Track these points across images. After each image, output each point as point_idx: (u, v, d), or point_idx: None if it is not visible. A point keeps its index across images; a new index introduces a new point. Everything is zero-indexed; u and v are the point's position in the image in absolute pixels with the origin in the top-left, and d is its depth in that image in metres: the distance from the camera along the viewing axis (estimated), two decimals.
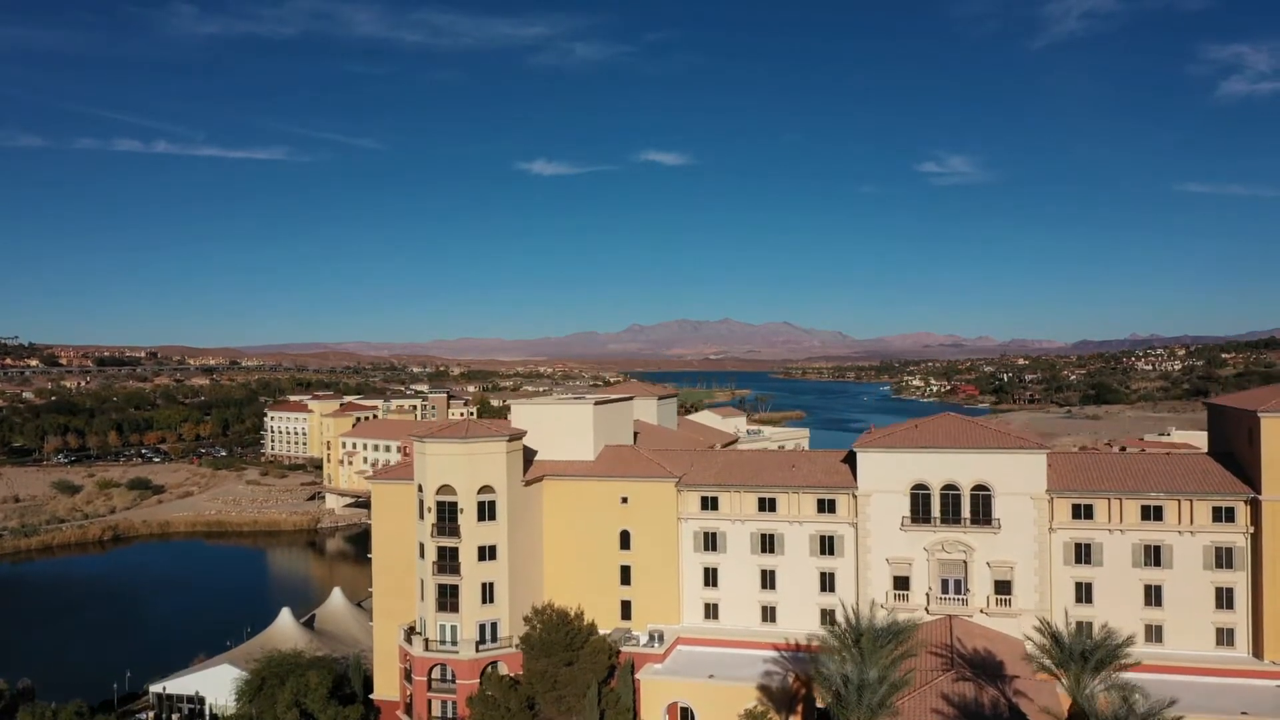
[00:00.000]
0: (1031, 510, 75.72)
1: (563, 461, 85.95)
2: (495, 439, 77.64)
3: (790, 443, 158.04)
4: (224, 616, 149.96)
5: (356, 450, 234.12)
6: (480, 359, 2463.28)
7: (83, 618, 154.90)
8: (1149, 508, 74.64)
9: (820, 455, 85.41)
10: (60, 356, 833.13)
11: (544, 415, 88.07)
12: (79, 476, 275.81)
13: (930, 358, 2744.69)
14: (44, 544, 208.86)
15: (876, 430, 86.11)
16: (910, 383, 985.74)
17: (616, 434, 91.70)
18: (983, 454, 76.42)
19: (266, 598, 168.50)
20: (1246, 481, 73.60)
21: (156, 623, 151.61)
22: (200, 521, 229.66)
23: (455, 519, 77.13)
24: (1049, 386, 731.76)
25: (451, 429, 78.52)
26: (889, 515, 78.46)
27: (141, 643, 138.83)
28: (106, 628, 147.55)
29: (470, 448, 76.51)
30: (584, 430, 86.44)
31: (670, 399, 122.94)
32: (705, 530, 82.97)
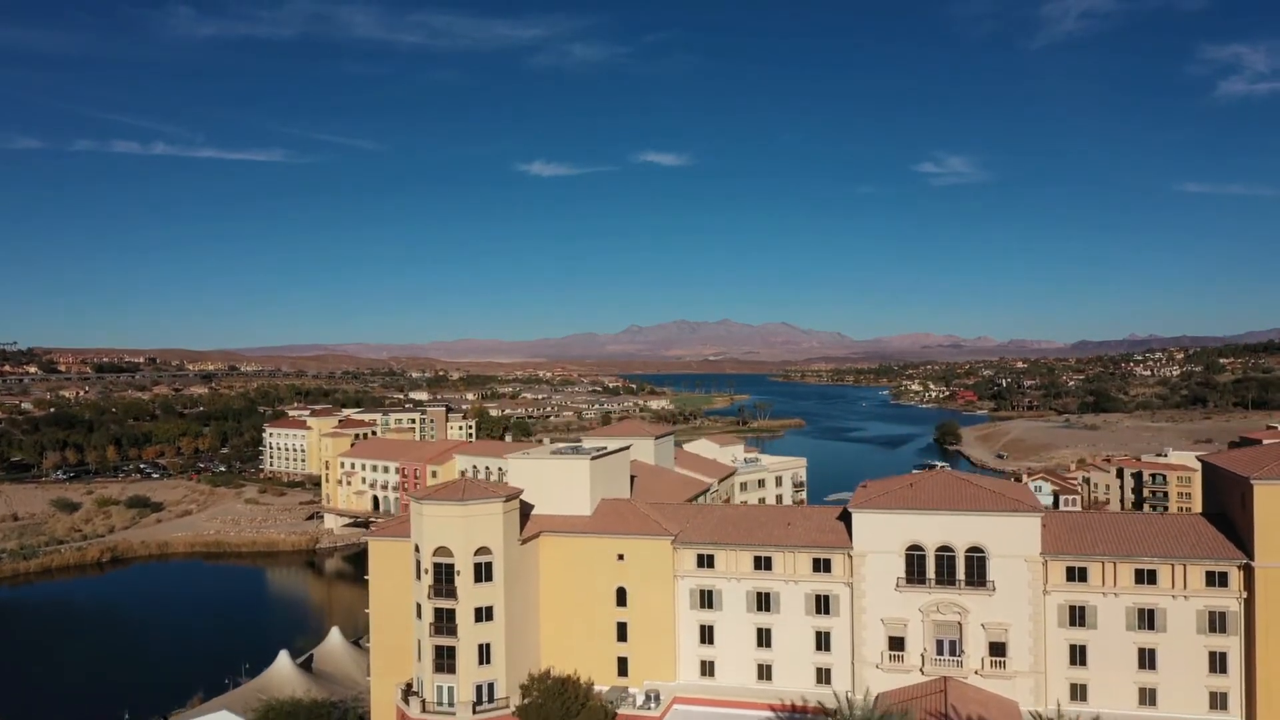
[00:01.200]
0: (1026, 573, 76.06)
1: (559, 517, 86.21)
2: (492, 500, 77.89)
3: (787, 472, 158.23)
4: (222, 647, 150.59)
5: (355, 470, 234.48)
6: (479, 361, 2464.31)
7: (81, 647, 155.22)
8: (1143, 571, 74.99)
9: (815, 512, 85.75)
10: (59, 363, 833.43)
11: (540, 470, 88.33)
12: (78, 494, 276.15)
13: (929, 359, 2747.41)
14: (43, 566, 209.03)
15: (872, 485, 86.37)
16: (909, 387, 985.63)
17: (613, 485, 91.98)
18: (977, 516, 76.76)
19: (266, 624, 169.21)
20: (1240, 546, 73.95)
21: (155, 653, 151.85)
22: (199, 542, 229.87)
23: (452, 580, 77.41)
24: (1048, 393, 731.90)
25: (448, 489, 78.71)
26: (884, 575, 78.79)
27: (140, 675, 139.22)
28: (104, 659, 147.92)
29: (467, 509, 76.76)
30: (580, 485, 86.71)
31: (667, 437, 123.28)
32: (701, 588, 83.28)
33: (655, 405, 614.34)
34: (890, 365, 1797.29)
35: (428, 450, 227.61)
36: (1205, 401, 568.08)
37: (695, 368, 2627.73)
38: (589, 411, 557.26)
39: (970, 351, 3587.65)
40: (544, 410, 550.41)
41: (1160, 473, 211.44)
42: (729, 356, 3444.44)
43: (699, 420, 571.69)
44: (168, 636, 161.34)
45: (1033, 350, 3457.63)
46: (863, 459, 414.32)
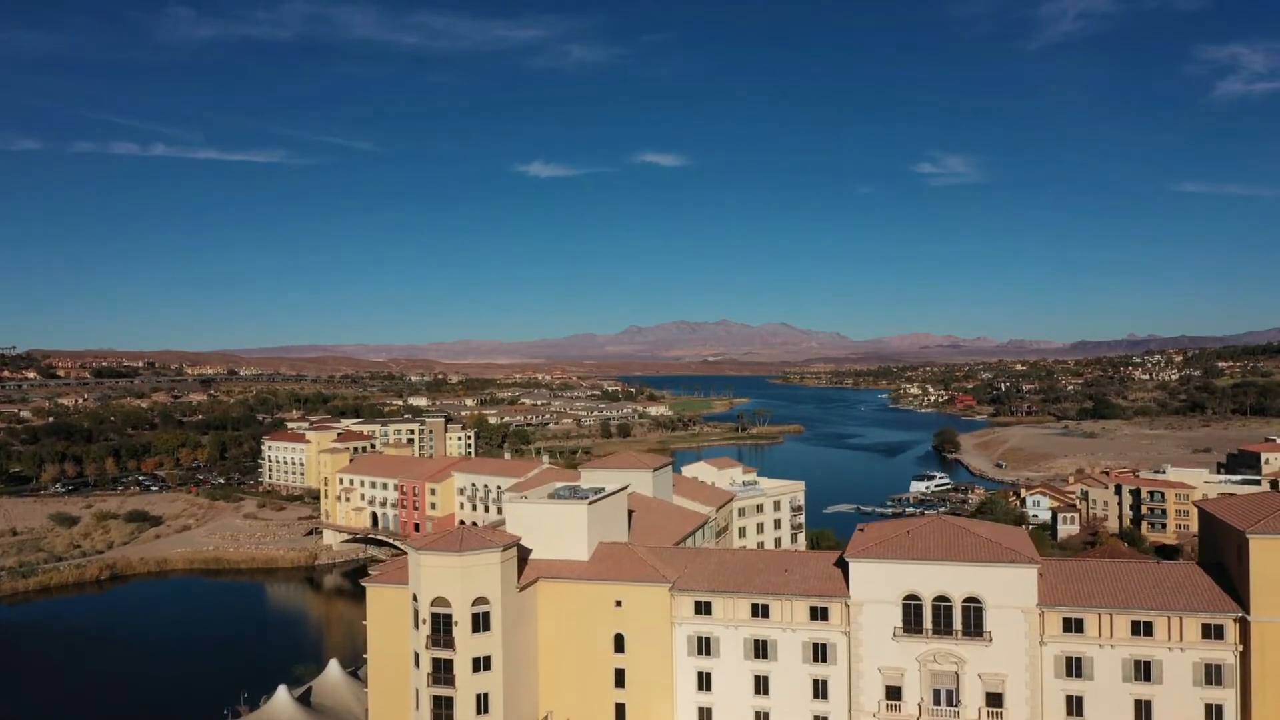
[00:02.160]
0: (1022, 623, 76.24)
1: (558, 562, 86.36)
2: (490, 549, 77.99)
3: (785, 496, 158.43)
4: (221, 670, 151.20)
5: (354, 486, 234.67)
6: (478, 362, 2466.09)
7: (81, 670, 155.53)
8: (1139, 623, 75.17)
9: (812, 557, 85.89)
10: (58, 367, 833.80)
11: (538, 514, 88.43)
12: (76, 507, 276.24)
13: (928, 359, 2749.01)
14: (42, 585, 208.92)
15: (869, 530, 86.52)
16: (908, 391, 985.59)
17: (611, 528, 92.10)
18: (974, 567, 76.93)
19: (265, 645, 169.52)
20: (1236, 598, 74.14)
21: (154, 677, 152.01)
22: (198, 559, 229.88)
23: (450, 631, 77.52)
24: (1046, 397, 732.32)
25: (446, 539, 78.77)
26: (881, 624, 78.98)
27: (137, 703, 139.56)
28: (103, 684, 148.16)
29: (465, 560, 76.87)
30: (578, 530, 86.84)
31: (665, 468, 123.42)
32: (699, 634, 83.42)
33: (654, 411, 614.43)
34: (889, 367, 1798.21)
35: (426, 467, 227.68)
36: (1204, 408, 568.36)
37: (695, 369, 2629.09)
38: (588, 418, 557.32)
39: (969, 352, 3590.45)
40: (543, 417, 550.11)
41: (1158, 490, 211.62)
42: (728, 357, 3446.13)
43: (698, 427, 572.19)
44: (167, 659, 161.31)
45: (1032, 351, 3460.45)
46: (861, 468, 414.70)
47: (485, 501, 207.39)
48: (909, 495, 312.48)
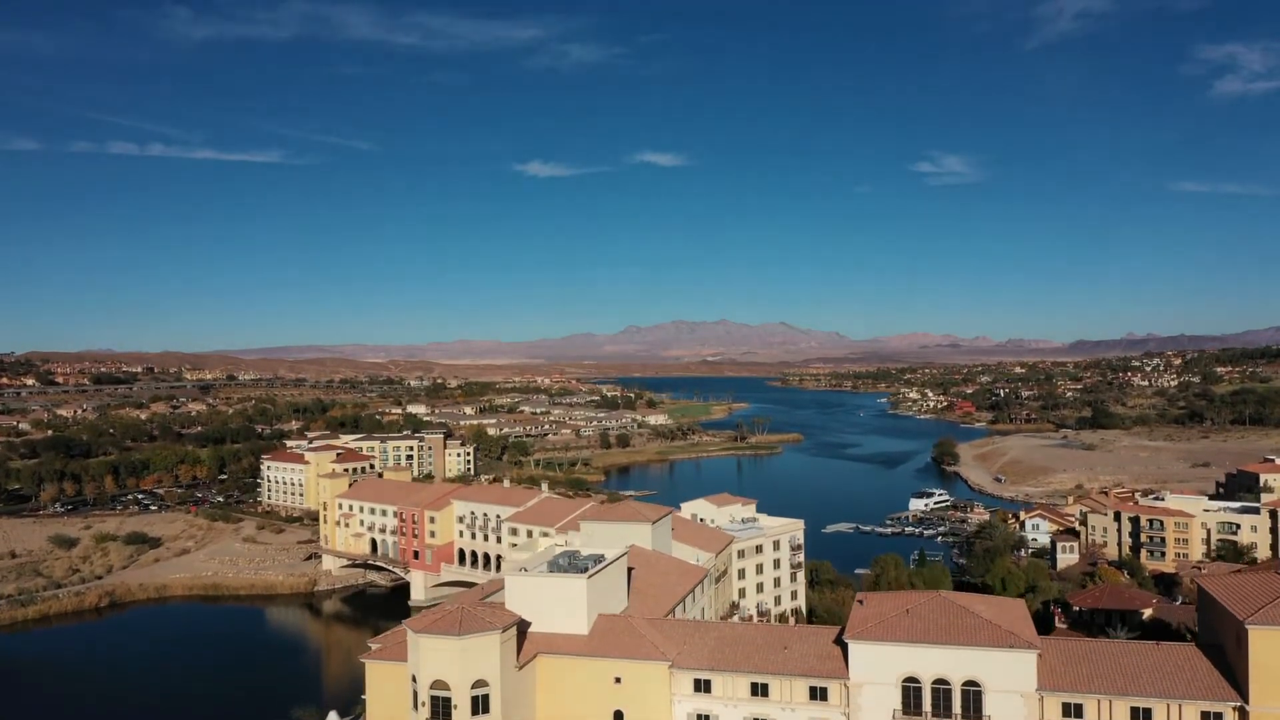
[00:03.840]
0: (1022, 708, 76.17)
1: (557, 636, 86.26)
2: (490, 632, 77.86)
3: (785, 535, 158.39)
4: (221, 704, 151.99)
5: (353, 512, 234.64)
6: (477, 364, 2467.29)
7: (78, 707, 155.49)
8: (1138, 709, 75.11)
9: (812, 633, 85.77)
10: (56, 374, 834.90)
11: (538, 587, 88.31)
12: (75, 528, 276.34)
13: (927, 359, 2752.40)
14: (41, 613, 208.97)
15: (870, 602, 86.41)
16: (907, 395, 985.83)
17: (610, 597, 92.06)
18: (974, 650, 76.85)
19: (265, 676, 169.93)
20: (1235, 686, 74.10)
21: (152, 711, 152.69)
22: (197, 585, 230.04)
23: (449, 714, 77.40)
24: (1046, 404, 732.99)
25: (446, 620, 78.61)
26: (880, 707, 78.92)
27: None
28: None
29: (465, 643, 76.78)
30: (578, 604, 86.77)
31: (665, 519, 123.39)
32: (698, 712, 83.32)
33: (654, 421, 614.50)
34: (888, 369, 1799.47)
35: (425, 495, 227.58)
36: (1203, 417, 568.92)
37: (694, 369, 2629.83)
38: (587, 428, 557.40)
39: (968, 351, 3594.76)
40: (542, 428, 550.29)
41: (1158, 519, 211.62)
42: (727, 357, 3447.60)
43: (697, 436, 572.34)
44: (167, 692, 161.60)
45: (1031, 350, 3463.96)
46: (860, 482, 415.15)
47: (485, 530, 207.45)
48: (908, 514, 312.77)
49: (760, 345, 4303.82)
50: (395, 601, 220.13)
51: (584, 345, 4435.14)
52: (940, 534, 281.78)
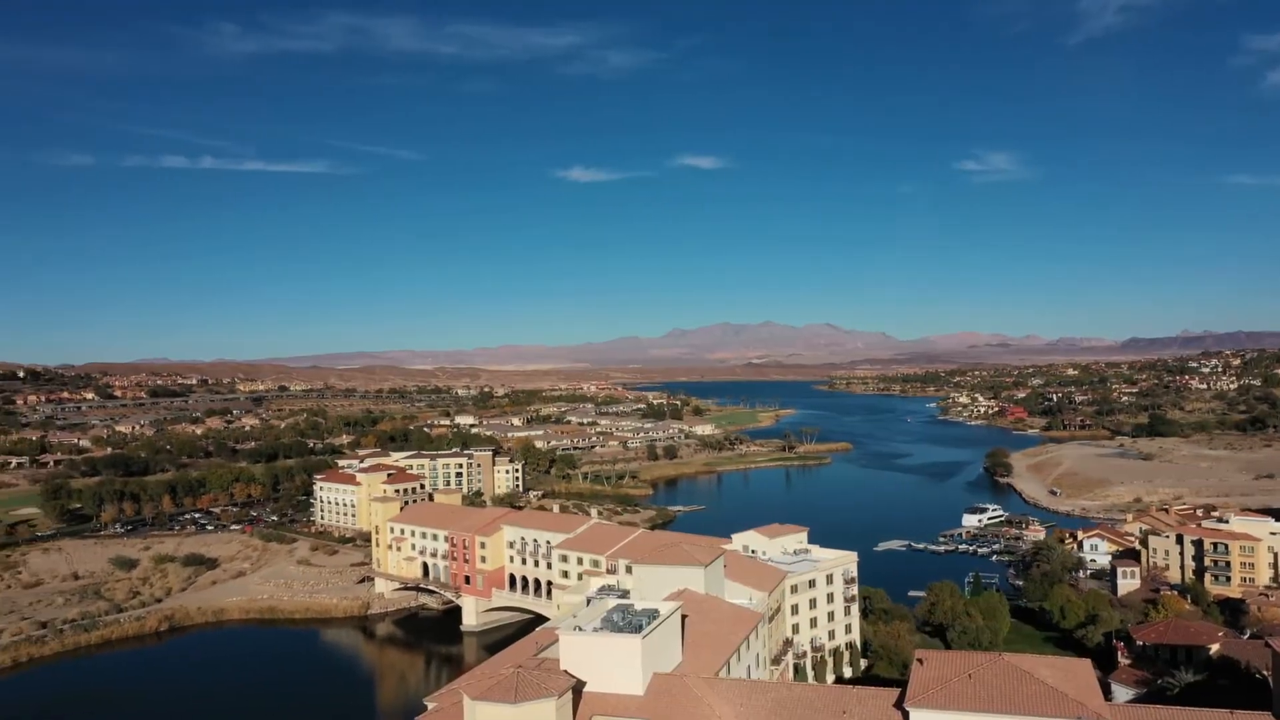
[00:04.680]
0: None
1: (611, 696, 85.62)
2: (546, 699, 77.50)
3: (838, 569, 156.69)
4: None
5: (405, 536, 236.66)
6: (523, 369, 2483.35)
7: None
8: None
9: (872, 697, 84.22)
10: (114, 387, 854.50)
11: (591, 645, 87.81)
12: (135, 549, 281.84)
13: (976, 359, 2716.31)
14: (103, 638, 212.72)
15: (929, 661, 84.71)
16: (956, 400, 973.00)
17: (665, 654, 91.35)
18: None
19: (320, 701, 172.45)
20: None
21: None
22: (253, 608, 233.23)
23: None
24: (1100, 409, 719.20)
25: (501, 687, 78.41)
26: None
27: None
28: None
29: (521, 711, 76.48)
30: (632, 664, 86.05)
31: (717, 560, 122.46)
32: None
33: (700, 431, 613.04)
34: (937, 371, 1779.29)
35: (476, 520, 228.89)
36: (1264, 423, 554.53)
37: (739, 372, 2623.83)
38: (634, 440, 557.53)
39: (1018, 351, 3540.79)
40: (589, 440, 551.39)
41: (1222, 542, 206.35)
42: (772, 359, 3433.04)
43: (744, 446, 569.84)
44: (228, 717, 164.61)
45: (1083, 349, 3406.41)
46: (911, 495, 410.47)
47: (535, 556, 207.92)
48: (961, 530, 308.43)
49: (805, 347, 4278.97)
50: (447, 625, 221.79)
51: (629, 349, 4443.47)
52: (995, 552, 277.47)
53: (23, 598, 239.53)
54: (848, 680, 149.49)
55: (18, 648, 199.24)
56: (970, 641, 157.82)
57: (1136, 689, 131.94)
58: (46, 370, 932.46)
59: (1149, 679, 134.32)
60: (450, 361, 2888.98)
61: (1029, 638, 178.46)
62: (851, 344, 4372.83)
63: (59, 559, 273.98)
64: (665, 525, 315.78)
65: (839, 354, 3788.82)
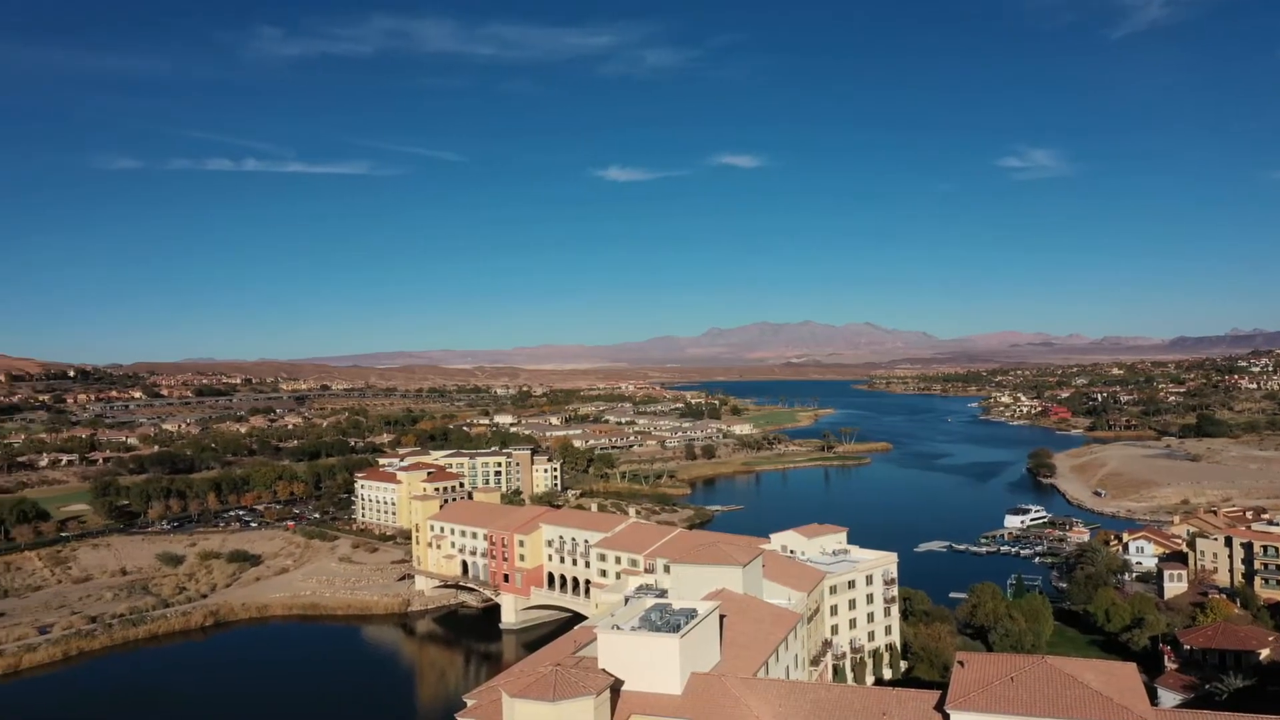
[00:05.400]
0: None
1: (649, 695, 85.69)
2: (584, 697, 77.82)
3: (878, 569, 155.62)
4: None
5: (444, 534, 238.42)
6: (561, 368, 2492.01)
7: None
8: None
9: (912, 699, 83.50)
10: (161, 386, 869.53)
11: (630, 645, 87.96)
12: (181, 545, 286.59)
13: (1018, 359, 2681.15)
14: (151, 633, 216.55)
15: (970, 664, 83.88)
16: (998, 399, 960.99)
17: (703, 653, 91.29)
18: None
19: (362, 696, 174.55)
20: None
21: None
22: (296, 604, 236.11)
23: None
24: (1146, 409, 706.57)
25: (540, 685, 78.86)
26: None
27: None
28: None
29: (559, 710, 76.87)
30: (670, 664, 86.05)
31: (756, 560, 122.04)
32: None
33: (739, 430, 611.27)
34: (978, 370, 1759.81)
35: (515, 518, 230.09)
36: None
37: (778, 372, 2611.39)
38: (672, 440, 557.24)
39: (1061, 350, 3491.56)
40: (627, 439, 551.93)
41: (1273, 545, 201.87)
42: (812, 359, 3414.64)
43: (783, 446, 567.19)
44: (271, 713, 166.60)
45: (1128, 348, 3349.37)
46: (952, 495, 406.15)
47: (573, 555, 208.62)
48: (1004, 532, 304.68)
49: (845, 346, 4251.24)
50: (486, 623, 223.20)
51: (667, 348, 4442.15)
52: (1038, 554, 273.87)
53: (73, 592, 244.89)
54: (887, 682, 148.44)
55: (68, 641, 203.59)
56: (1013, 644, 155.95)
57: (1184, 694, 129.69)
58: (96, 370, 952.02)
59: (1197, 684, 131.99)
60: (489, 361, 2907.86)
61: (1073, 641, 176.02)
62: (891, 343, 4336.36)
63: (108, 555, 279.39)
64: (703, 525, 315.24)
65: (879, 353, 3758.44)
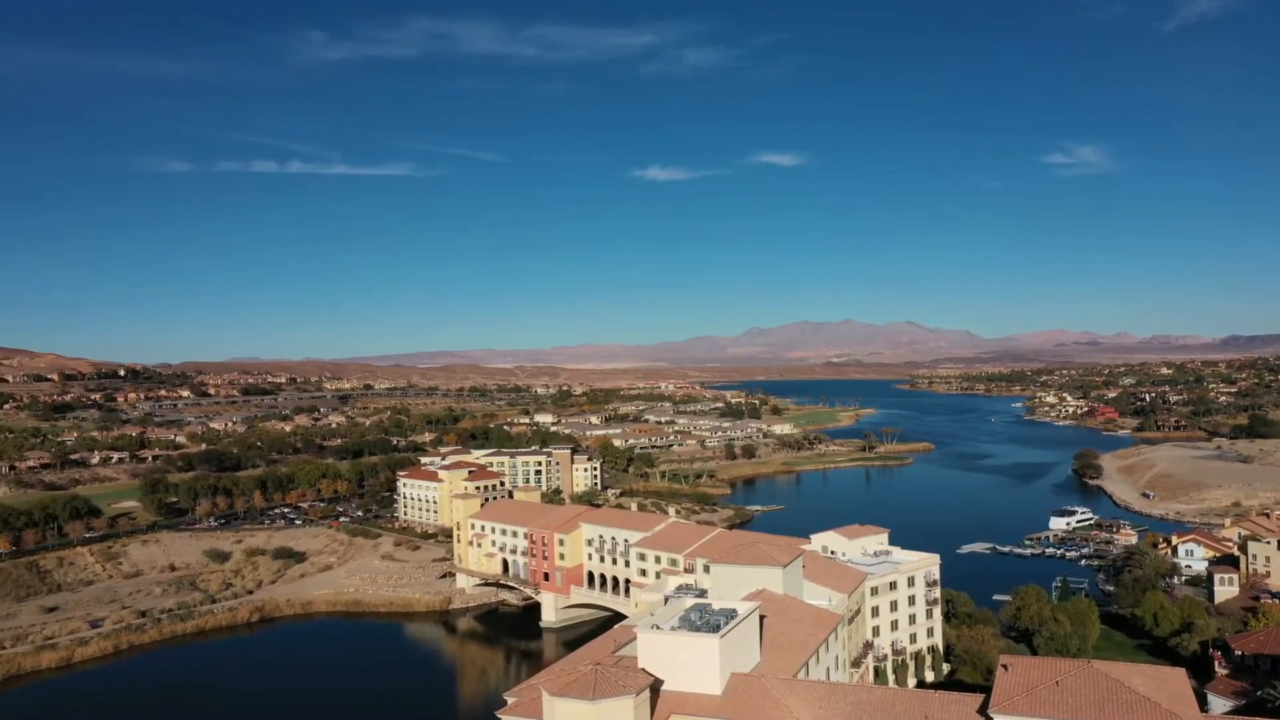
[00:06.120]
0: None
1: (689, 695, 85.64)
2: (624, 696, 77.93)
3: (920, 571, 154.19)
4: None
5: (485, 533, 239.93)
6: (601, 367, 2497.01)
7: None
8: None
9: (955, 702, 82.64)
10: (209, 385, 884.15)
11: (669, 644, 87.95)
12: (228, 542, 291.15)
13: (1064, 358, 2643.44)
14: (198, 628, 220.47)
15: (1014, 667, 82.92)
16: (1043, 400, 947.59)
17: (743, 654, 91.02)
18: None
19: (404, 693, 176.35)
20: None
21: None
22: (339, 601, 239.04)
23: None
24: (1196, 409, 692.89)
25: (580, 684, 79.13)
26: None
27: None
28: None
29: (599, 708, 77.06)
30: (710, 664, 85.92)
31: (796, 561, 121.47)
32: None
33: (779, 430, 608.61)
34: (1023, 370, 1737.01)
35: (555, 517, 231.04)
36: None
37: (818, 371, 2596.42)
38: (712, 439, 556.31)
39: (1109, 349, 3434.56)
40: (667, 439, 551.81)
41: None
42: (852, 358, 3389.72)
43: (823, 446, 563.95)
44: (311, 709, 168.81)
45: (1177, 347, 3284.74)
46: (996, 497, 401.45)
47: (613, 554, 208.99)
48: (1048, 533, 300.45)
49: (886, 345, 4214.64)
50: (527, 621, 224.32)
51: (707, 347, 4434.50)
52: (1084, 556, 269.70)
53: (123, 587, 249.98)
54: (929, 685, 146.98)
55: (119, 635, 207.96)
56: (1058, 648, 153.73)
57: (1235, 700, 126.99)
58: (145, 369, 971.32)
59: (1248, 690, 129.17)
60: (529, 360, 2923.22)
61: (1119, 645, 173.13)
62: (934, 342, 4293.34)
63: (157, 550, 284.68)
64: (743, 525, 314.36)
65: (921, 352, 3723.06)
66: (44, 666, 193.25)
